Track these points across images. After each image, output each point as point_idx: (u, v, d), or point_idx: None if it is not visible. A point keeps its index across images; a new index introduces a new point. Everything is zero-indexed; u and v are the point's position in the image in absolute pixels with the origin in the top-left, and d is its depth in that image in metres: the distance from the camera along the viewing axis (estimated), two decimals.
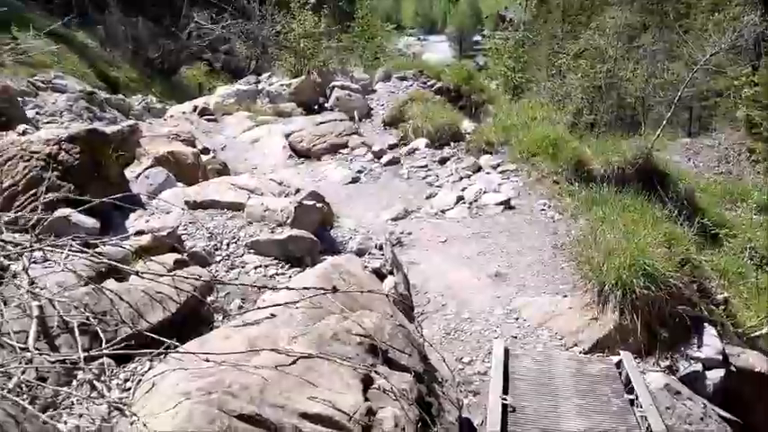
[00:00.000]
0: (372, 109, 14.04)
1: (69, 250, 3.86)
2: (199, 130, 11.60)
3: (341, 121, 11.01)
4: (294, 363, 3.45)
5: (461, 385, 4.77)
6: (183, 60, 27.31)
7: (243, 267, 5.30)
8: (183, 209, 5.84)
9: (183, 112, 13.15)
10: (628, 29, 20.74)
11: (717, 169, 21.47)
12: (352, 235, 6.53)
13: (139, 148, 8.12)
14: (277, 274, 5.30)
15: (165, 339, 3.29)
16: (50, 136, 4.82)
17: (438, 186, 8.83)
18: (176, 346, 3.36)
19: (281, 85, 13.42)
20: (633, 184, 8.05)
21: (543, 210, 7.59)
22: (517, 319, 5.60)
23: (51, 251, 3.98)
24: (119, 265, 4.08)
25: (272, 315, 3.97)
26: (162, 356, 3.35)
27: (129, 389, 3.18)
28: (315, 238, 5.69)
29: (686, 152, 22.40)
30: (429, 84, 15.80)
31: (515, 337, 5.39)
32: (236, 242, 5.55)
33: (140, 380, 3.21)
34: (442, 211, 7.88)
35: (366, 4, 23.14)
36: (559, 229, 7.05)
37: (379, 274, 6.14)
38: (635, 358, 5.21)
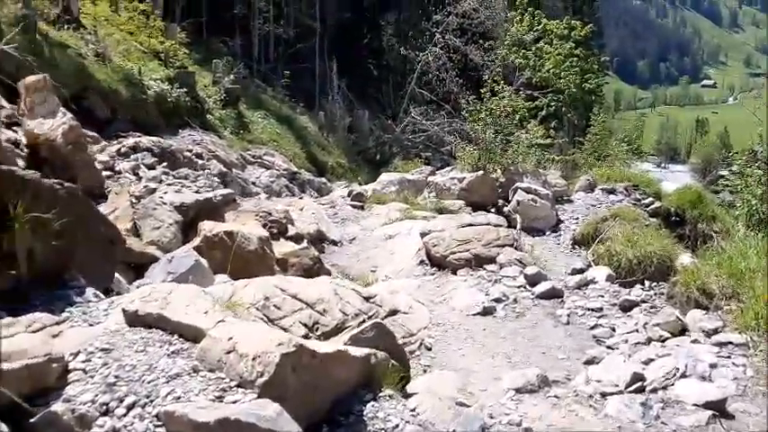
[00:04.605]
0: (562, 222, 10.83)
1: None
2: (337, 216, 9.37)
3: (495, 226, 7.95)
4: None
5: None
6: (397, 153, 26.26)
7: None
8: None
9: (342, 196, 11.13)
10: None
11: None
12: (405, 420, 3.49)
13: (212, 222, 5.92)
14: None
15: None
16: None
17: (609, 347, 5.35)
18: None
19: (453, 179, 10.79)
20: None
21: None
22: None
23: None
24: None
25: None
26: None
27: None
28: None
29: None
30: (644, 202, 12.22)
31: None
32: (146, 404, 2.79)
33: None
34: (602, 395, 4.42)
35: (601, 121, 20.25)
36: None
37: None
38: None
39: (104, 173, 7.69)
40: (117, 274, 4.74)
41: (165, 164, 9.53)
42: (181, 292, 3.61)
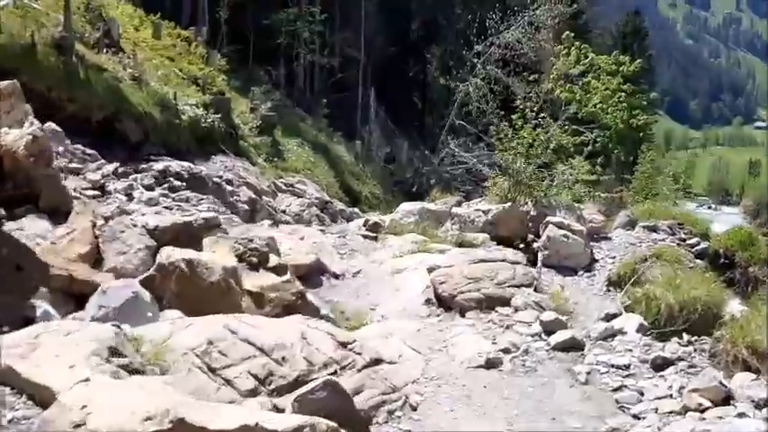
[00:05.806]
0: (597, 261, 9.72)
1: None
2: (347, 247, 8.50)
3: (512, 263, 6.93)
4: None
5: None
6: (435, 185, 25.43)
7: None
8: None
9: (357, 226, 10.30)
10: None
11: None
12: None
13: (170, 247, 5.12)
14: None
15: None
16: None
17: (635, 416, 4.26)
18: None
19: (478, 210, 9.80)
20: None
21: None
22: None
23: None
24: None
25: None
26: None
27: None
28: None
29: None
30: (689, 242, 10.98)
31: None
32: None
33: None
34: None
35: (648, 159, 19.08)
36: None
37: None
38: None
39: (91, 192, 7.08)
40: (49, 308, 3.98)
41: (165, 185, 8.84)
42: (66, 337, 2.77)
